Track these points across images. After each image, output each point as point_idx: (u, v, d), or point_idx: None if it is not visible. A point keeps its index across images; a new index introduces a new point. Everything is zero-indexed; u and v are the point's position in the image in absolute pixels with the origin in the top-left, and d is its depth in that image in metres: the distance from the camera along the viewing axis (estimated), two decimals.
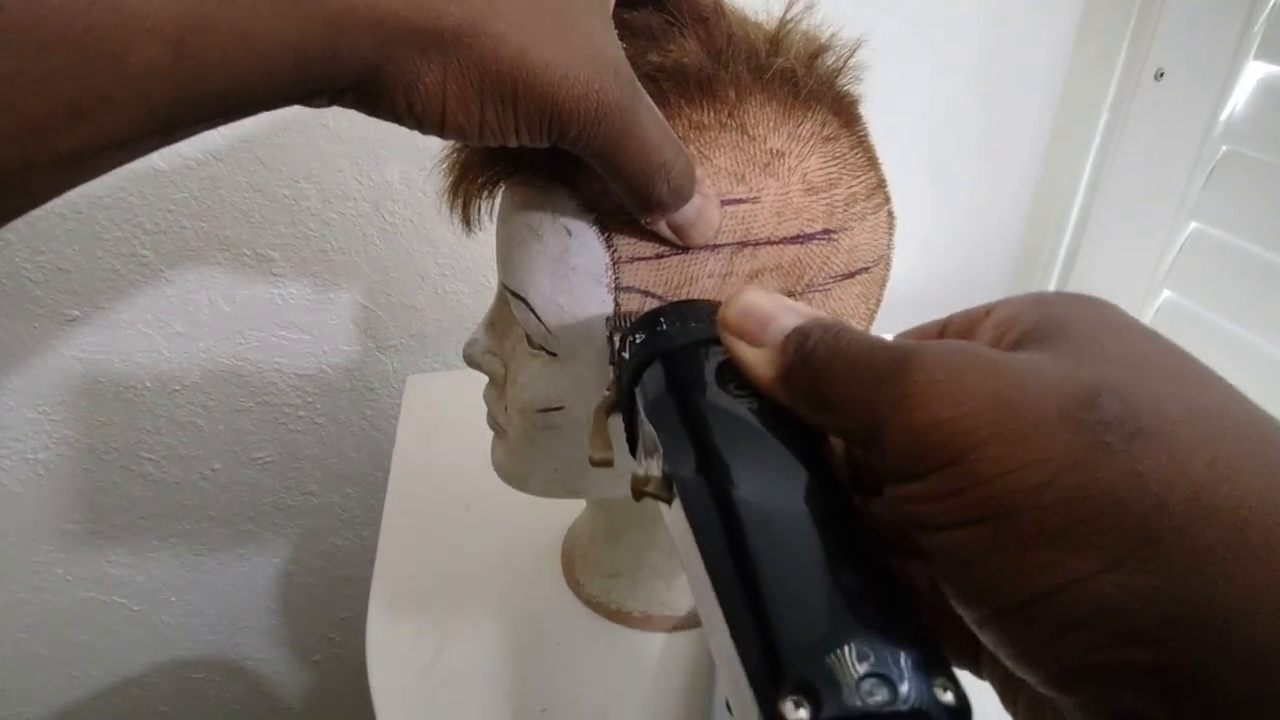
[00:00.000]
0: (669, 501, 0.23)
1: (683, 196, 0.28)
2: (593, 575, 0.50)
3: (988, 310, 0.21)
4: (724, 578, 0.19)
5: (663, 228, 0.30)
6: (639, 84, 0.27)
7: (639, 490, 0.23)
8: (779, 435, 0.22)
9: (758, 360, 0.22)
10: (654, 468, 0.24)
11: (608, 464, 0.31)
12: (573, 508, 0.55)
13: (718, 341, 0.24)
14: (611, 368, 0.30)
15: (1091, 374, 0.17)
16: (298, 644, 0.92)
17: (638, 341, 0.27)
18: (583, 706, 0.44)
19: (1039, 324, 0.19)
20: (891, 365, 0.18)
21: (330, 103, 0.24)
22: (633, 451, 0.28)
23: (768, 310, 0.23)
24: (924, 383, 0.18)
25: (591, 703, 0.44)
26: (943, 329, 0.22)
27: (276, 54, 0.21)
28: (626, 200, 0.29)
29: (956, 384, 0.17)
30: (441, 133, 0.25)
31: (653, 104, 0.27)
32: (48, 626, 0.81)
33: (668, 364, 0.25)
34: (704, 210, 0.29)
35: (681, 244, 0.30)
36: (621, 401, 0.28)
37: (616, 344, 0.30)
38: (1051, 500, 0.16)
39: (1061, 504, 0.15)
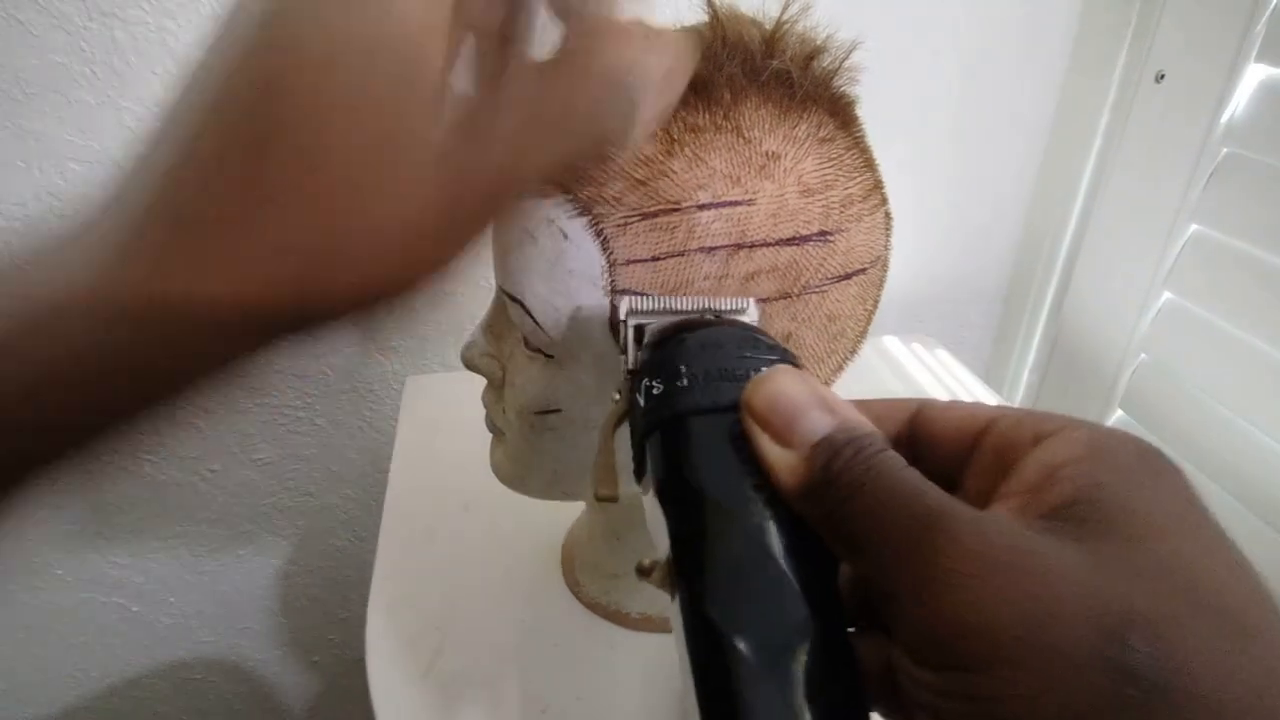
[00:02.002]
0: (671, 597, 0.21)
1: None
2: (592, 576, 0.50)
3: (1037, 436, 0.19)
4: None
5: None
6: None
7: (642, 574, 0.22)
8: (792, 556, 0.20)
9: (781, 464, 0.20)
10: (658, 527, 0.22)
11: (612, 499, 0.30)
12: (572, 509, 0.55)
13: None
14: (624, 375, 0.27)
15: (1127, 598, 0.15)
16: (297, 645, 0.92)
17: (655, 392, 0.23)
18: (582, 707, 0.44)
19: (1086, 493, 0.17)
20: (920, 530, 0.17)
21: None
22: (638, 478, 0.25)
23: (797, 406, 0.21)
24: (950, 572, 0.17)
25: (591, 703, 0.44)
26: (986, 428, 0.21)
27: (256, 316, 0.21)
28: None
29: (986, 584, 0.16)
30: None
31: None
32: (47, 627, 0.81)
33: (684, 431, 0.22)
34: None
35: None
36: (634, 440, 0.25)
37: (627, 358, 0.27)
38: None
39: None
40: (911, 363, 0.78)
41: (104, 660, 0.85)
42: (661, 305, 0.28)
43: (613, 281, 0.31)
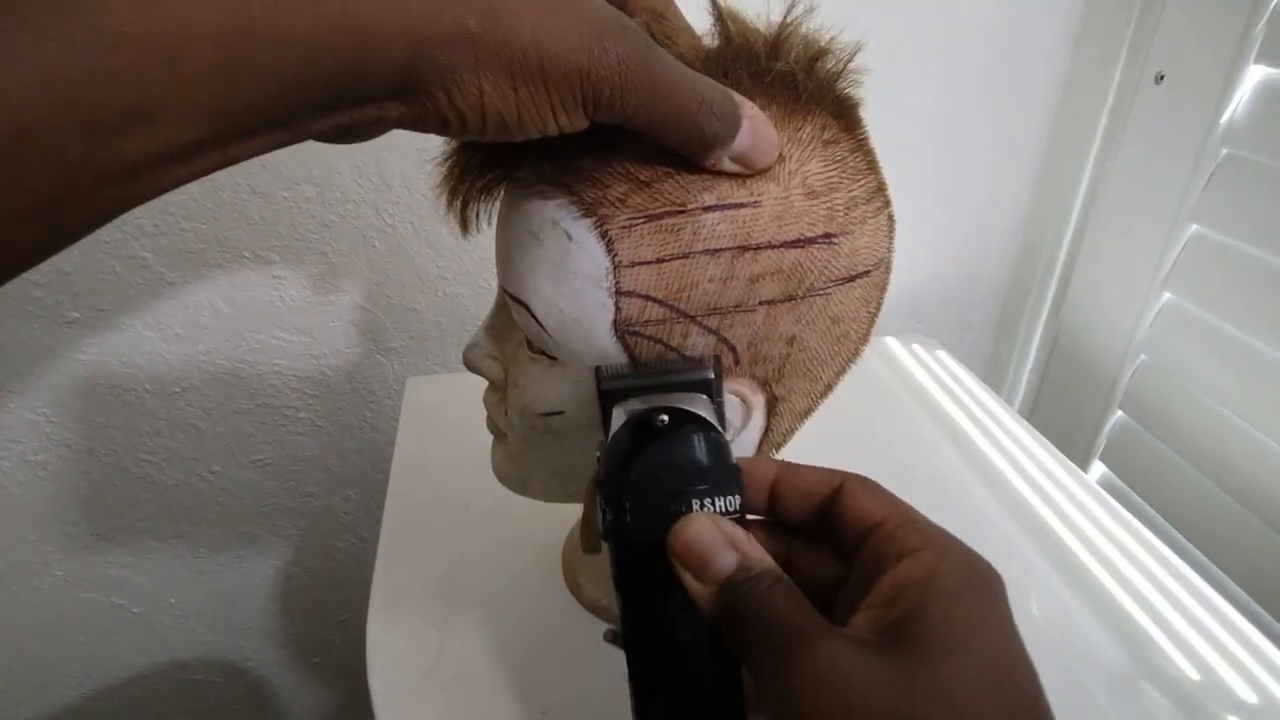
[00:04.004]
0: None
1: (734, 122, 0.29)
2: (593, 578, 0.50)
3: (900, 553, 0.25)
4: None
5: (729, 165, 0.30)
6: (648, 35, 0.28)
7: (609, 641, 0.30)
8: (707, 664, 0.28)
9: (699, 595, 0.27)
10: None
11: (595, 552, 0.36)
12: (572, 511, 0.55)
13: None
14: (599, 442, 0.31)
15: (910, 710, 0.21)
16: (297, 646, 0.92)
17: (607, 518, 0.29)
18: (583, 708, 0.44)
19: (912, 616, 0.23)
20: (783, 654, 0.24)
21: (376, 115, 0.25)
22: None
23: (707, 549, 0.27)
24: (796, 687, 0.23)
25: (592, 705, 0.44)
26: (876, 527, 0.27)
27: (316, 59, 0.22)
28: (686, 149, 0.29)
29: (817, 698, 0.22)
30: (484, 126, 0.26)
31: (665, 52, 0.28)
32: (47, 628, 0.81)
33: (629, 557, 0.29)
34: (757, 130, 0.30)
35: (752, 171, 0.30)
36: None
37: (603, 418, 0.31)
38: None
39: None
40: (912, 364, 0.78)
41: (104, 661, 0.85)
42: (630, 376, 0.32)
43: (617, 283, 0.31)
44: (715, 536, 0.27)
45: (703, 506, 0.28)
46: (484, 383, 0.41)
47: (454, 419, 0.65)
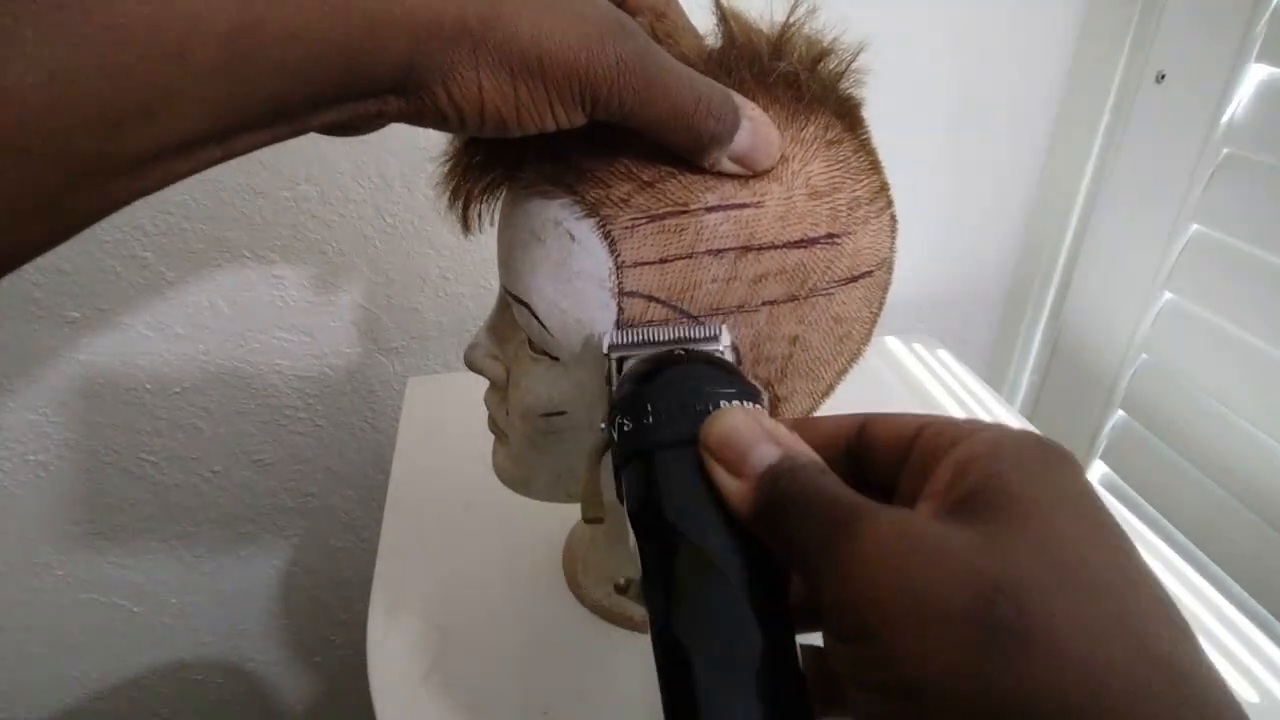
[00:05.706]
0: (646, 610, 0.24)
1: (732, 123, 0.29)
2: (594, 579, 0.50)
3: (953, 440, 0.22)
4: None
5: (729, 165, 0.30)
6: (646, 34, 0.28)
7: (620, 591, 0.26)
8: (745, 577, 0.23)
9: (735, 492, 0.23)
10: (634, 550, 0.25)
11: (599, 522, 0.34)
12: (573, 511, 0.54)
13: None
14: (607, 389, 0.30)
15: (1000, 570, 0.18)
16: (298, 646, 0.92)
17: (625, 429, 0.26)
18: (584, 710, 0.44)
19: (983, 484, 0.20)
20: (836, 526, 0.21)
21: (377, 109, 0.25)
22: (620, 499, 0.27)
23: (746, 441, 0.24)
24: (853, 556, 0.20)
25: (593, 706, 0.44)
26: (916, 435, 0.24)
27: (320, 53, 0.23)
28: (684, 149, 0.29)
29: (880, 566, 0.19)
30: (482, 122, 0.26)
31: (664, 51, 0.28)
32: (47, 628, 0.81)
33: (651, 464, 0.25)
34: (758, 131, 0.30)
35: (752, 172, 0.30)
36: (614, 472, 0.27)
37: (611, 389, 0.29)
38: (946, 692, 0.18)
39: (953, 697, 0.18)
40: (913, 363, 0.78)
41: (104, 661, 0.85)
42: (640, 338, 0.30)
43: (620, 284, 0.31)
44: (754, 428, 0.24)
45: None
46: (485, 383, 0.41)
47: (455, 419, 0.65)
